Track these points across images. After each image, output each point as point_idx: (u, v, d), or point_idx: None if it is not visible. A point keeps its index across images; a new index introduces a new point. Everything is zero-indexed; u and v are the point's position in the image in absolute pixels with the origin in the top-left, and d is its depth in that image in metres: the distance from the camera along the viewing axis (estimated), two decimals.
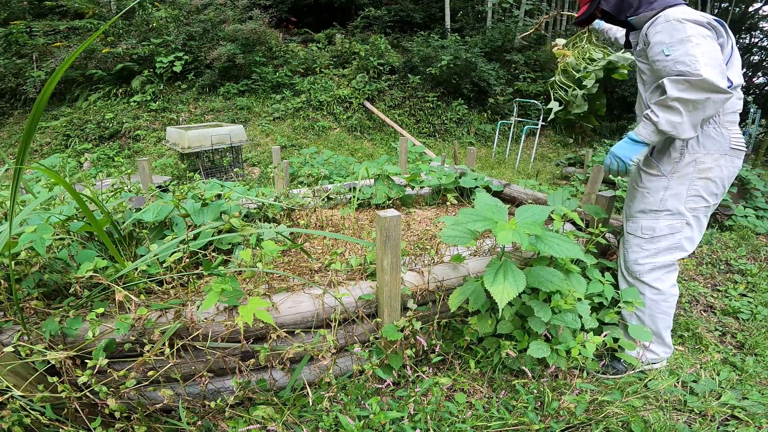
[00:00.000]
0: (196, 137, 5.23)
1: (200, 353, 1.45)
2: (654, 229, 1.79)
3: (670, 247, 1.79)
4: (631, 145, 1.64)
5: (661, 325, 1.87)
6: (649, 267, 1.82)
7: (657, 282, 1.83)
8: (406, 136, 7.98)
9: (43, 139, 6.91)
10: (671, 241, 1.78)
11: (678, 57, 1.47)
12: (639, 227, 1.82)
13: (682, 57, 1.46)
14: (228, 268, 1.56)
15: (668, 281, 1.84)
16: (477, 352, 1.77)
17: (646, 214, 1.80)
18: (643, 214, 1.81)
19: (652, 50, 1.58)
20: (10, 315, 1.33)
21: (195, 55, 8.26)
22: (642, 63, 1.73)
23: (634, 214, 1.84)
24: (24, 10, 8.51)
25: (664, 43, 1.53)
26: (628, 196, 1.90)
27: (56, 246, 1.62)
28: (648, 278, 1.83)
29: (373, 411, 1.44)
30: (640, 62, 1.74)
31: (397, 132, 8.37)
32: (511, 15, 11.14)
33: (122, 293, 1.36)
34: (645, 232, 1.81)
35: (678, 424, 1.57)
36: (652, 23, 1.61)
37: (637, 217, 1.83)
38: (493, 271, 1.48)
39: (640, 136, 1.60)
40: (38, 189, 2.26)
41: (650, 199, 1.78)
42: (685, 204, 1.73)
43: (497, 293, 1.41)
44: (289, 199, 2.57)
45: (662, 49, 1.53)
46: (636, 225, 1.83)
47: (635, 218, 1.84)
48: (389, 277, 1.57)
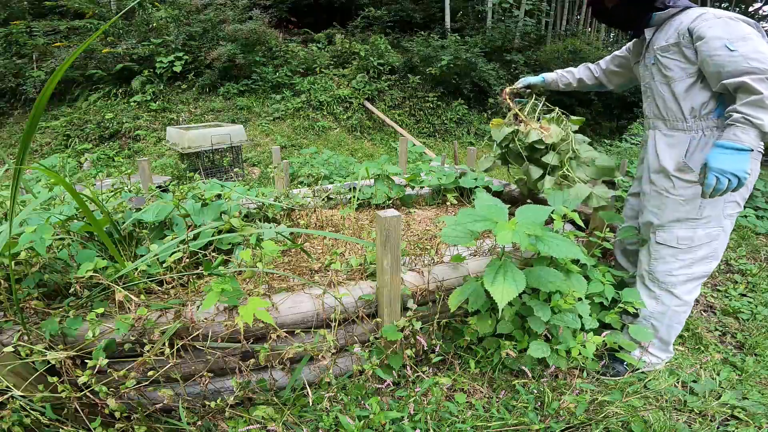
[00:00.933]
0: (196, 137, 5.23)
1: (200, 353, 1.45)
2: (692, 239, 1.69)
3: (707, 256, 1.72)
4: (736, 155, 1.43)
5: (673, 334, 1.84)
6: (684, 278, 1.75)
7: (687, 294, 1.77)
8: (406, 136, 7.98)
9: (43, 139, 6.91)
10: (708, 250, 1.70)
11: (748, 54, 1.41)
12: (674, 237, 1.71)
13: (753, 54, 1.40)
14: (228, 268, 1.56)
15: (697, 292, 1.79)
16: (477, 352, 1.77)
17: (681, 223, 1.69)
18: (678, 223, 1.70)
19: (707, 44, 1.49)
20: (10, 315, 1.33)
21: (195, 55, 8.26)
22: (669, 58, 1.63)
23: (667, 223, 1.72)
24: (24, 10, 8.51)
25: (723, 39, 1.45)
26: (651, 204, 1.78)
27: (56, 246, 1.62)
28: (680, 290, 1.76)
29: (373, 411, 1.44)
30: (667, 57, 1.64)
31: (397, 132, 8.37)
32: (511, 15, 11.14)
33: (122, 293, 1.36)
34: (681, 242, 1.70)
35: (678, 424, 1.57)
36: (699, 17, 1.54)
37: (670, 227, 1.72)
38: (493, 271, 1.48)
39: (744, 143, 1.42)
40: (38, 189, 2.26)
41: (687, 207, 1.66)
42: (723, 211, 1.65)
43: (497, 293, 1.41)
44: (289, 199, 2.57)
45: (724, 44, 1.45)
46: (670, 235, 1.72)
47: (668, 228, 1.72)
48: (389, 277, 1.57)
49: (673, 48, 1.62)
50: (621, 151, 7.55)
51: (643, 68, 1.82)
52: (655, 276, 1.80)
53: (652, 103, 1.78)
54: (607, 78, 2.15)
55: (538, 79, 2.28)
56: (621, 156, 6.85)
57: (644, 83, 1.83)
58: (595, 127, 10.32)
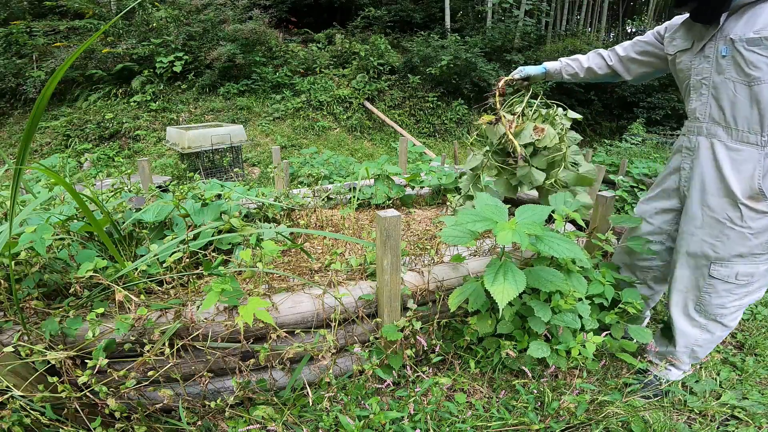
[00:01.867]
0: (196, 137, 5.23)
1: (200, 353, 1.45)
2: (753, 275, 1.51)
3: (762, 286, 1.56)
4: None
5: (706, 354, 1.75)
6: (735, 309, 1.60)
7: (733, 321, 1.64)
8: (406, 136, 7.98)
9: (43, 139, 6.91)
10: (764, 281, 1.55)
11: None
12: (734, 273, 1.51)
13: None
14: (228, 268, 1.56)
15: (741, 315, 1.65)
16: (477, 352, 1.77)
17: (744, 259, 1.48)
18: (740, 258, 1.49)
19: None
20: (10, 315, 1.33)
21: (195, 55, 8.26)
22: (759, 54, 1.32)
23: (729, 258, 1.50)
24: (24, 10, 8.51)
25: None
26: (706, 233, 1.52)
27: (56, 246, 1.62)
28: (728, 319, 1.62)
29: (373, 411, 1.44)
30: (755, 53, 1.33)
31: (397, 132, 8.37)
32: (511, 15, 11.14)
33: (122, 293, 1.36)
34: (741, 279, 1.52)
35: (678, 424, 1.57)
36: None
37: (732, 262, 1.50)
38: (493, 271, 1.48)
39: None
40: (38, 189, 2.26)
41: (754, 241, 1.45)
42: None
43: (497, 293, 1.41)
44: (289, 199, 2.57)
45: None
46: (730, 271, 1.51)
47: (729, 263, 1.50)
48: (389, 277, 1.57)
49: (762, 42, 1.31)
50: (621, 151, 7.55)
51: (701, 59, 1.49)
52: (705, 309, 1.61)
53: (712, 103, 1.47)
54: (625, 67, 1.85)
55: (538, 69, 2.02)
56: (621, 156, 6.85)
57: (698, 77, 1.51)
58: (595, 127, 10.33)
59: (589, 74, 1.95)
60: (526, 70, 2.03)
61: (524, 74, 2.02)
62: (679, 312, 1.68)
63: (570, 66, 1.99)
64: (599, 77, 1.95)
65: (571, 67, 1.98)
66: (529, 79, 2.04)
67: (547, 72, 2.03)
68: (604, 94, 10.57)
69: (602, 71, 1.91)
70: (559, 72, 2.01)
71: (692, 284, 1.62)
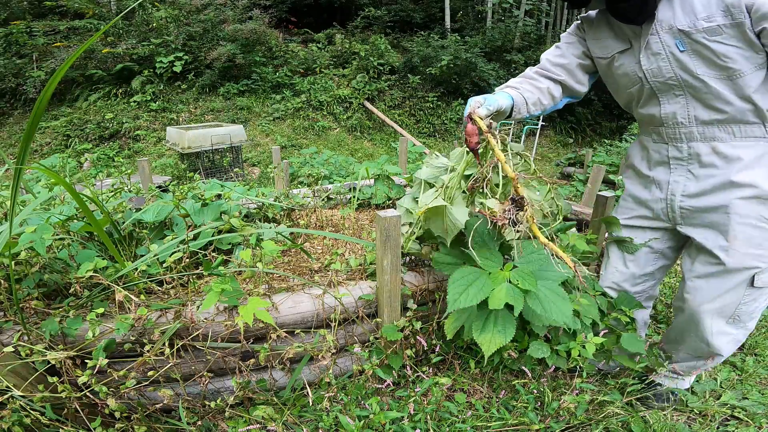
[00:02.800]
0: (196, 137, 5.24)
1: (200, 353, 1.45)
2: None
3: None
4: None
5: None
6: (759, 312, 1.46)
7: (755, 322, 1.48)
8: (406, 136, 7.98)
9: (43, 139, 6.91)
10: None
11: None
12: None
13: None
14: (228, 268, 1.56)
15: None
16: (477, 352, 1.77)
17: None
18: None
19: None
20: (10, 315, 1.33)
21: (195, 55, 8.27)
22: (725, 44, 1.17)
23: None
24: (24, 10, 8.51)
25: None
26: (751, 245, 1.31)
27: (56, 246, 1.62)
28: (753, 323, 1.47)
29: (373, 411, 1.44)
30: (720, 43, 1.17)
31: (397, 132, 8.37)
32: (511, 15, 11.15)
33: (122, 293, 1.36)
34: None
35: (678, 424, 1.57)
36: None
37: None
38: (483, 318, 1.39)
39: None
40: (38, 189, 2.26)
41: None
42: None
43: (485, 343, 1.35)
44: (289, 199, 2.57)
45: None
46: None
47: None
48: (389, 277, 1.57)
49: (729, 30, 1.16)
50: (621, 150, 7.55)
51: (651, 59, 1.30)
52: (739, 319, 1.44)
53: (695, 104, 1.30)
54: (574, 77, 1.51)
55: (505, 99, 1.39)
56: (621, 156, 6.85)
57: (660, 79, 1.31)
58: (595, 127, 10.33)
59: (550, 101, 1.52)
60: (495, 100, 1.35)
61: (494, 107, 1.34)
62: (719, 332, 1.45)
63: (531, 93, 1.47)
64: (556, 103, 1.56)
65: (532, 94, 1.47)
66: (499, 113, 1.40)
67: (514, 103, 1.42)
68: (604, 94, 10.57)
69: (559, 92, 1.53)
70: (524, 103, 1.45)
71: (730, 301, 1.40)
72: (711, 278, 1.40)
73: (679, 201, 1.41)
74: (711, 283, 1.40)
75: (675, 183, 1.41)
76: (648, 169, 1.51)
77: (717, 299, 1.40)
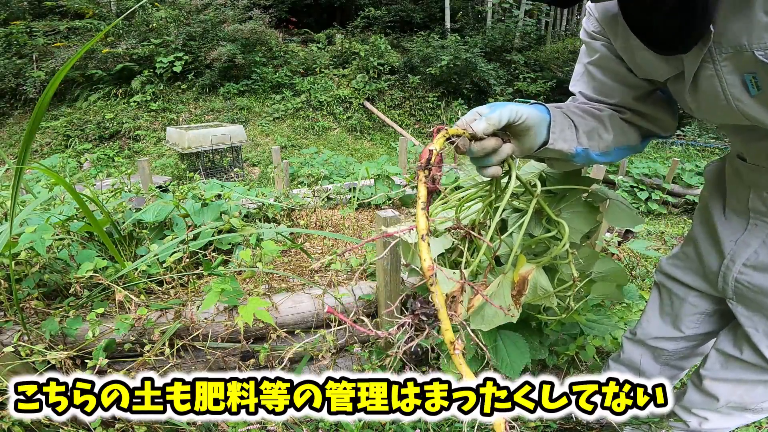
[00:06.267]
0: (196, 137, 5.24)
1: (200, 353, 1.45)
2: None
3: None
4: None
5: None
6: None
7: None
8: (406, 136, 7.99)
9: (43, 139, 6.91)
10: None
11: None
12: None
13: None
14: (228, 268, 1.56)
15: None
16: None
17: None
18: None
19: None
20: (11, 315, 1.33)
21: (195, 55, 8.27)
22: None
23: None
24: (24, 10, 8.52)
25: None
26: None
27: (56, 246, 1.62)
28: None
29: None
30: None
31: (397, 132, 8.38)
32: (511, 15, 11.15)
33: (122, 293, 1.36)
34: None
35: None
36: None
37: None
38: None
39: None
40: (38, 189, 2.26)
41: None
42: None
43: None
44: (289, 199, 2.57)
45: None
46: None
47: None
48: (389, 277, 1.57)
49: None
50: None
51: (703, 97, 0.74)
52: (764, 409, 1.10)
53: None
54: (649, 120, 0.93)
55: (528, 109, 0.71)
56: None
57: (723, 119, 0.78)
58: None
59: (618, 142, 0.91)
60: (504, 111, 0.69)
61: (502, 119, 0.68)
62: (753, 366, 1.04)
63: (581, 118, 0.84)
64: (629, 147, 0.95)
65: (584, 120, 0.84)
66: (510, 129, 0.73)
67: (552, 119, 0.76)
68: None
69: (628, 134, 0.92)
70: (570, 126, 0.80)
71: (759, 399, 1.07)
72: (745, 383, 1.06)
73: (738, 272, 0.95)
74: (744, 387, 1.07)
75: (743, 245, 0.93)
76: (722, 211, 0.99)
77: (744, 396, 1.07)
